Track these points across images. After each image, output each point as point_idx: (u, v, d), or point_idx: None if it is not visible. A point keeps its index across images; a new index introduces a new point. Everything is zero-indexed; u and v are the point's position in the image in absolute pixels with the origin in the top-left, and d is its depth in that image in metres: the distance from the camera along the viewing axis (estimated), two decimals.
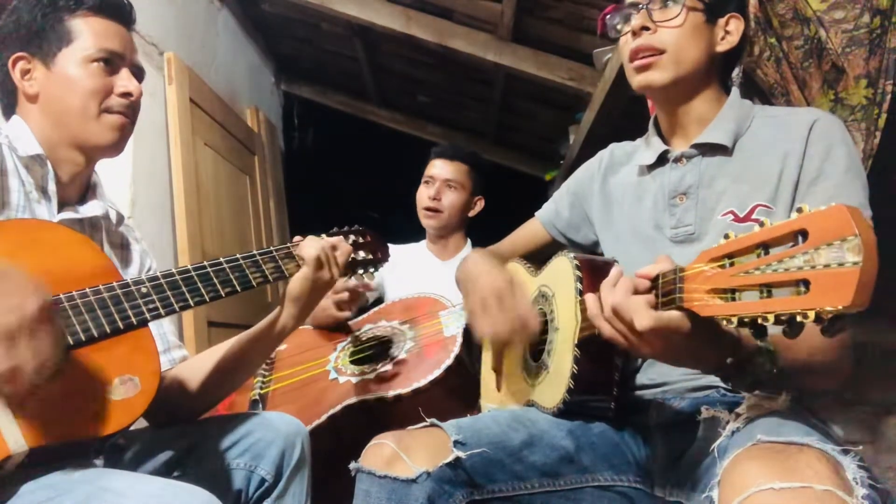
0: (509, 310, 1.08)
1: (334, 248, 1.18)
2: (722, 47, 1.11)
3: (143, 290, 0.97)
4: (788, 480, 0.68)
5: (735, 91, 1.15)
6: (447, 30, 3.07)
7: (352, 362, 1.71)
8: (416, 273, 2.06)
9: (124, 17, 1.15)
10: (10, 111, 1.13)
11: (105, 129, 1.10)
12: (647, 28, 1.08)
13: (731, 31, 1.11)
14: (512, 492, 0.99)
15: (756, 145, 1.08)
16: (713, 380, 1.03)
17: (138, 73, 1.16)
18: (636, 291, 0.81)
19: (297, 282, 1.14)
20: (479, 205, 2.22)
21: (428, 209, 2.14)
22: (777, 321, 0.64)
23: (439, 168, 2.17)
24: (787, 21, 1.51)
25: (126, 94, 1.11)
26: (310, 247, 1.15)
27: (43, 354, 0.77)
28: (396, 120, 4.59)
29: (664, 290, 0.78)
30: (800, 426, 0.81)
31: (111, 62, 1.11)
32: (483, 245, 1.44)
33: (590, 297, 0.89)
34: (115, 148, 1.13)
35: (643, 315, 0.78)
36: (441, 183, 2.14)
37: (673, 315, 0.77)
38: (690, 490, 0.94)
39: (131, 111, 1.13)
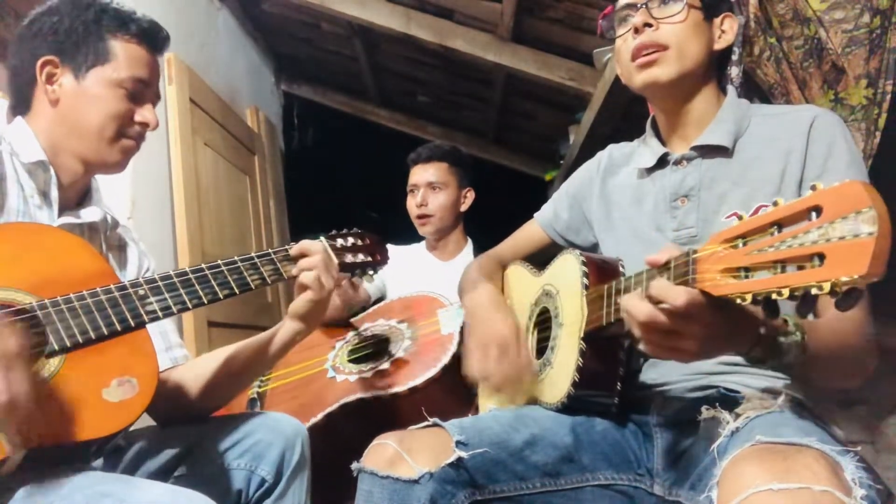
0: (509, 363, 1.09)
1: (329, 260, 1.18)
2: (719, 45, 1.12)
3: (141, 292, 0.98)
4: (786, 481, 0.68)
5: (732, 90, 1.15)
6: (447, 30, 3.07)
7: (350, 361, 1.71)
8: (417, 275, 2.06)
9: (160, 48, 1.19)
10: (17, 112, 1.13)
11: (115, 151, 1.14)
12: (649, 25, 1.08)
13: (726, 29, 1.12)
14: (514, 492, 0.99)
15: (756, 145, 1.08)
16: (714, 380, 1.04)
17: (155, 98, 1.20)
18: None
19: (303, 304, 1.15)
20: (470, 197, 2.19)
21: (418, 217, 2.14)
22: (792, 296, 0.64)
23: (419, 174, 2.15)
24: (787, 21, 1.51)
25: (143, 125, 1.15)
26: (322, 279, 1.13)
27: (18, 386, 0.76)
28: (396, 120, 4.59)
29: (677, 272, 0.77)
30: (799, 426, 0.81)
31: (137, 90, 1.14)
32: (482, 244, 1.44)
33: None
34: (118, 168, 1.17)
35: (677, 293, 0.74)
36: (424, 188, 2.13)
37: (696, 292, 0.74)
38: (690, 489, 0.94)
39: (142, 138, 1.18)
